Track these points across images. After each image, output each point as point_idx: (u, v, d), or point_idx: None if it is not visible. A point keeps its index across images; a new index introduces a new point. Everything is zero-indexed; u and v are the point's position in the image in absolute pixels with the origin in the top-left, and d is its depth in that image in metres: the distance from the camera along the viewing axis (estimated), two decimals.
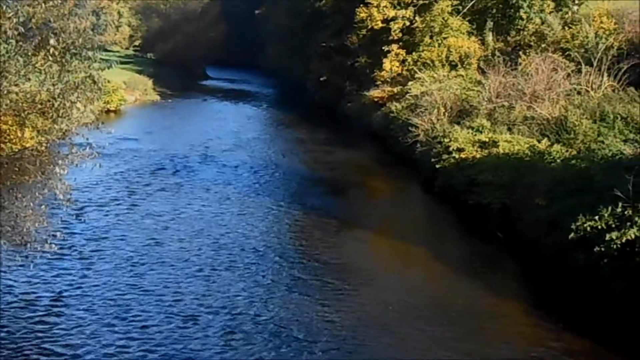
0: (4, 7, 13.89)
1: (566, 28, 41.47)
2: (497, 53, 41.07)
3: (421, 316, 18.37)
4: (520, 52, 39.28)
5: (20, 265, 18.20)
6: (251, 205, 28.61)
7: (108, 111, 48.29)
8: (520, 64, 36.33)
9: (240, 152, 40.13)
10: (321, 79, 61.45)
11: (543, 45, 40.40)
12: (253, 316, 17.75)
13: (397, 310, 18.62)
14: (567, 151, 26.61)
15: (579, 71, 33.44)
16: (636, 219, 18.18)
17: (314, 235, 25.15)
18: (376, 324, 17.75)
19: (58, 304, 17.78)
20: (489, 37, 47.72)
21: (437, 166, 30.75)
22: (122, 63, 61.06)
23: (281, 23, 74.41)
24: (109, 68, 17.52)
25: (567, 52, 37.10)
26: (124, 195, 28.70)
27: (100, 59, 17.06)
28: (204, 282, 19.78)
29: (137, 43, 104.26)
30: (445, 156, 30.57)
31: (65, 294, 18.42)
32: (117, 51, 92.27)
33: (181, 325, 16.95)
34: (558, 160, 25.67)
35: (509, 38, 46.07)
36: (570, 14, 44.86)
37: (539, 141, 28.47)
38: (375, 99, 47.99)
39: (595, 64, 32.77)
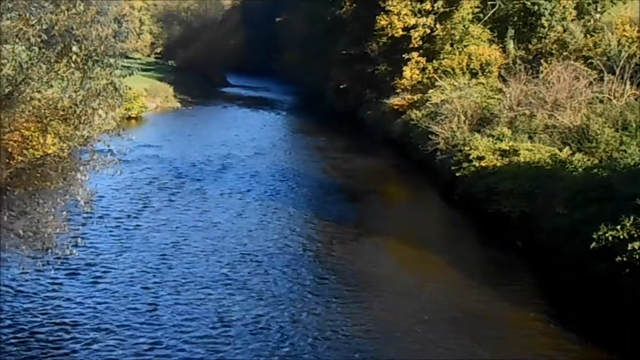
0: (28, 15, 14.02)
1: (588, 36, 41.31)
2: (519, 61, 40.90)
3: (439, 324, 18.30)
4: (542, 60, 39.14)
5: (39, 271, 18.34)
6: (271, 212, 28.63)
7: (129, 118, 48.58)
8: (541, 72, 36.20)
9: (260, 159, 40.19)
10: (341, 86, 61.40)
11: (565, 53, 40.25)
12: (271, 322, 17.77)
13: (415, 318, 18.55)
14: (588, 160, 26.47)
15: (601, 79, 33.26)
16: None
17: (333, 243, 25.12)
18: (393, 331, 17.71)
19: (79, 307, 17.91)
20: (510, 45, 47.50)
21: (457, 174, 30.67)
22: (143, 70, 61.41)
23: (301, 30, 74.51)
24: (130, 75, 17.62)
25: (589, 60, 36.93)
26: (145, 201, 28.80)
27: (122, 66, 17.18)
28: (225, 289, 19.78)
29: (158, 50, 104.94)
30: (465, 164, 30.49)
31: (84, 299, 18.54)
32: (139, 58, 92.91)
33: (206, 330, 17.03)
34: (579, 169, 25.53)
35: (530, 46, 45.89)
36: (592, 21, 44.70)
37: (560, 150, 28.34)
38: (395, 107, 47.97)
39: (617, 72, 32.59)
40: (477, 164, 29.75)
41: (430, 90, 43.12)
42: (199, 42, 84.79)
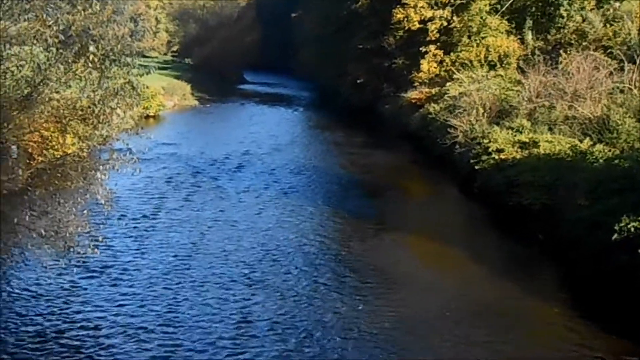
0: (45, 16, 14.07)
1: (608, 25, 40.92)
2: (537, 52, 40.64)
3: (461, 319, 18.21)
4: (561, 51, 38.75)
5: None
6: (290, 209, 28.62)
7: (147, 117, 48.74)
8: (560, 62, 35.85)
9: (278, 156, 40.21)
10: (357, 81, 61.23)
11: (584, 44, 39.89)
12: (294, 321, 17.79)
13: (435, 312, 18.51)
14: (609, 151, 26.24)
15: (622, 69, 32.91)
16: None
17: (353, 239, 25.07)
18: (416, 327, 17.67)
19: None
20: (529, 36, 47.17)
21: (476, 167, 30.55)
22: (160, 69, 61.39)
23: (316, 26, 74.33)
24: (147, 74, 17.66)
25: (609, 50, 36.59)
26: (163, 200, 28.90)
27: (139, 65, 17.23)
28: (246, 285, 19.83)
29: (174, 48, 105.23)
30: (484, 157, 30.35)
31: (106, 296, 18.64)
32: (155, 57, 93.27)
33: (229, 330, 17.05)
34: (600, 160, 25.31)
35: (549, 36, 45.54)
36: (611, 10, 44.17)
37: (580, 141, 28.12)
38: (413, 101, 47.74)
39: (638, 61, 32.21)
40: (496, 157, 29.59)
41: (448, 83, 42.91)
42: (215, 39, 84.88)
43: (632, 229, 18.77)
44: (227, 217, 26.72)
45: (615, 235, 19.14)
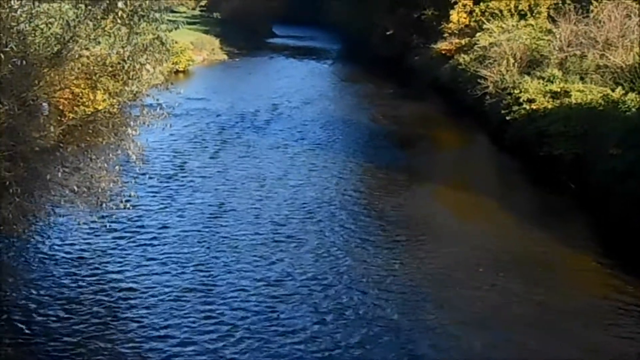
0: None
1: None
2: (568, 0, 39.92)
3: (494, 268, 18.33)
4: None
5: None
6: (321, 162, 28.68)
7: (177, 72, 48.77)
8: (592, 11, 35.27)
9: (308, 109, 40.18)
10: (387, 32, 60.69)
11: None
12: (323, 266, 18.11)
13: (469, 263, 18.61)
14: None
15: None
16: None
17: (385, 191, 25.15)
18: (447, 277, 17.81)
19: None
20: None
21: (507, 118, 30.38)
22: (188, 24, 61.08)
23: None
24: (176, 29, 17.66)
25: None
26: (194, 155, 29.00)
27: (167, 20, 17.21)
28: (277, 242, 19.86)
29: (203, 3, 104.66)
30: (515, 107, 30.16)
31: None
32: (184, 12, 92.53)
33: (260, 278, 17.33)
34: (633, 109, 25.05)
35: None
36: None
37: (612, 90, 27.78)
38: (443, 52, 47.34)
39: None
40: (527, 107, 29.38)
41: (478, 34, 42.36)
42: None
43: None
44: (257, 173, 26.72)
45: None
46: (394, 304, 16.29)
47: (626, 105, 25.46)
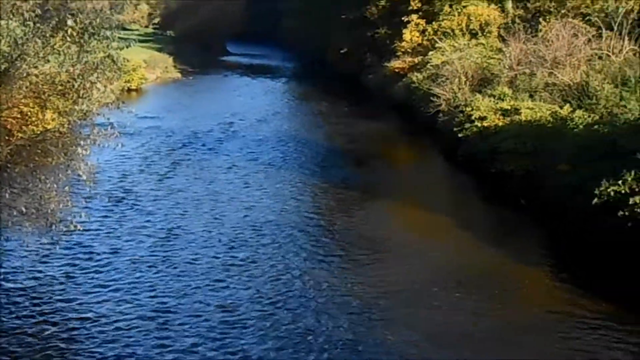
0: None
1: None
2: (517, 20, 40.63)
3: (448, 285, 18.41)
4: (540, 19, 38.79)
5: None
6: (276, 180, 28.65)
7: (129, 90, 48.47)
8: (540, 30, 35.94)
9: (263, 127, 40.14)
10: (342, 51, 61.11)
11: (563, 11, 39.92)
12: (278, 287, 17.97)
13: (423, 279, 18.69)
14: (589, 116, 26.40)
15: (600, 36, 33.09)
16: None
17: (340, 209, 25.22)
18: (401, 294, 17.84)
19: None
20: (509, 4, 47.08)
21: (460, 135, 30.71)
22: (141, 41, 61.19)
23: None
24: (127, 47, 17.54)
25: (588, 17, 36.73)
26: (146, 174, 28.75)
27: (119, 38, 17.10)
28: (230, 263, 19.63)
29: (156, 21, 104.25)
30: (467, 125, 30.51)
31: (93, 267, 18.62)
32: (136, 30, 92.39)
33: (214, 303, 17.11)
34: (581, 126, 25.56)
35: (528, 5, 45.43)
36: None
37: (561, 107, 28.29)
38: (397, 70, 47.80)
39: (615, 28, 32.37)
40: (479, 124, 29.74)
41: (431, 52, 42.90)
42: (198, 11, 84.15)
43: (612, 193, 18.96)
44: (209, 194, 26.38)
45: (596, 200, 19.36)
46: (350, 325, 16.21)
47: (574, 122, 25.94)
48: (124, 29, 69.60)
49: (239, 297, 17.46)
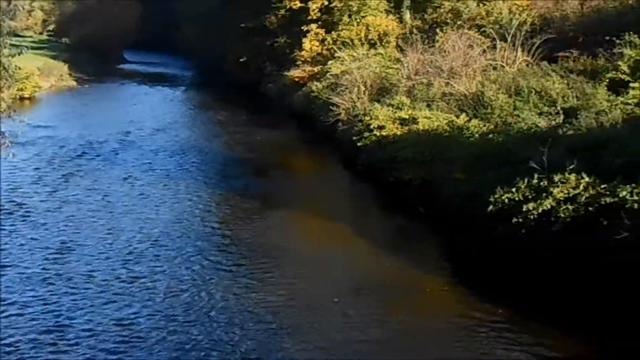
0: None
1: (481, 5, 41.98)
2: (415, 31, 41.30)
3: (347, 294, 18.44)
4: (437, 30, 39.52)
5: None
6: (172, 191, 28.22)
7: (22, 98, 47.08)
8: (437, 41, 36.64)
9: (160, 136, 39.58)
10: (241, 59, 60.95)
11: (459, 23, 40.77)
12: (176, 301, 17.65)
13: (323, 290, 18.66)
14: (484, 126, 26.98)
15: (494, 47, 33.93)
16: (551, 189, 18.55)
17: (238, 218, 25.02)
18: (302, 304, 17.78)
19: None
20: (407, 15, 48.00)
21: (359, 144, 30.91)
22: (35, 48, 59.51)
23: (199, 3, 73.40)
24: (19, 54, 17.09)
25: (483, 29, 37.60)
26: (38, 186, 27.89)
27: (11, 44, 16.59)
28: (127, 277, 19.10)
29: (51, 27, 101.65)
30: (366, 134, 30.73)
31: None
32: (30, 36, 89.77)
33: (111, 319, 16.62)
34: (476, 135, 26.08)
35: (425, 16, 46.30)
36: None
37: (457, 116, 28.81)
38: (296, 79, 47.98)
39: (509, 39, 33.27)
40: (377, 134, 29.99)
41: (330, 62, 43.24)
42: (94, 18, 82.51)
43: (506, 200, 19.40)
44: (104, 207, 25.69)
45: (491, 207, 19.74)
46: (250, 337, 16.01)
47: (470, 132, 26.50)
48: (16, 35, 67.58)
49: (135, 312, 17.04)
